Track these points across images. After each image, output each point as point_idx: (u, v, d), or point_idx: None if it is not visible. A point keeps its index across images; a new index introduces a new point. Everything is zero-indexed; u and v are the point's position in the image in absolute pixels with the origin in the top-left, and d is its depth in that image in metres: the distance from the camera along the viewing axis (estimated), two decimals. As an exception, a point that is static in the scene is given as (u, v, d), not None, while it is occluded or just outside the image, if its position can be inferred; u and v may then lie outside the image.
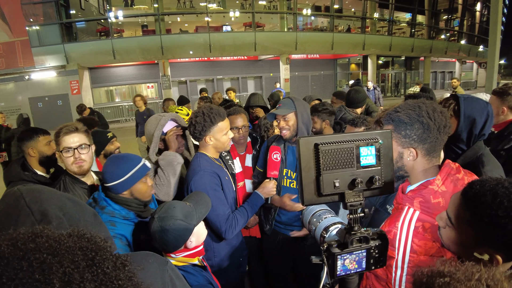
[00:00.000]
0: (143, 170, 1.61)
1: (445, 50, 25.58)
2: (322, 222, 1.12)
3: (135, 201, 1.60)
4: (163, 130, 2.18)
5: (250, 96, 4.11)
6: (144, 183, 1.62)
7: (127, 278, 0.51)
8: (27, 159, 2.27)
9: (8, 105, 15.57)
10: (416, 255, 1.15)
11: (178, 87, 19.76)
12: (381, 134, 0.92)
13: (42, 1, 15.46)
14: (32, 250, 0.46)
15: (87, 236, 0.52)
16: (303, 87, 22.62)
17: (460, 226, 0.90)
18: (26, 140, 2.24)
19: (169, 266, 1.01)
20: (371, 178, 0.88)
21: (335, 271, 0.92)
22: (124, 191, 1.57)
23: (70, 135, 1.81)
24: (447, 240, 0.97)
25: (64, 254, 0.47)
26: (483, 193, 0.84)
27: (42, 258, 0.45)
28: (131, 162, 1.59)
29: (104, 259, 0.50)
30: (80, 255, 0.48)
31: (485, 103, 1.82)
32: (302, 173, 0.88)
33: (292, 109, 2.19)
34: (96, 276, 0.47)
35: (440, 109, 1.18)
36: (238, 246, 2.12)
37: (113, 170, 1.54)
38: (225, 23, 19.84)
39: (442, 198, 1.13)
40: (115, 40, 16.05)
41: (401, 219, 1.21)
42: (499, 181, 0.86)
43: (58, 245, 0.48)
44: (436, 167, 1.20)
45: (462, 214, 0.89)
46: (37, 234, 0.49)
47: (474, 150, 1.81)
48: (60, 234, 0.51)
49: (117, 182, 1.53)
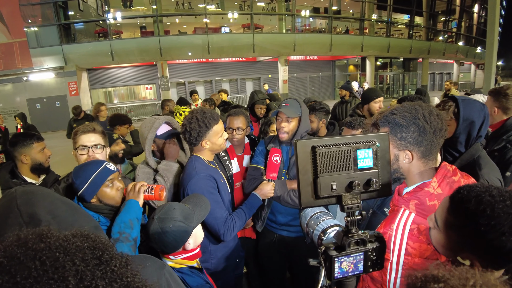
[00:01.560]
0: (105, 174, 1.52)
1: (443, 51, 25.66)
2: (320, 225, 1.12)
3: (107, 207, 1.54)
4: (156, 133, 2.15)
5: (253, 94, 4.05)
6: (110, 188, 1.54)
7: (133, 275, 0.52)
8: (17, 165, 2.19)
9: (6, 106, 15.55)
10: (411, 258, 1.15)
11: (176, 88, 19.77)
12: (378, 137, 0.92)
13: (41, 2, 15.45)
14: (43, 249, 0.47)
15: (92, 236, 0.54)
16: (302, 89, 22.65)
17: (445, 229, 0.90)
18: (19, 146, 2.16)
19: (167, 269, 1.01)
20: (368, 180, 0.88)
21: (333, 273, 0.92)
22: (91, 199, 1.50)
23: (87, 134, 1.86)
24: (434, 241, 0.98)
25: (75, 253, 0.48)
26: (468, 200, 0.84)
27: (54, 257, 0.46)
28: (91, 168, 1.51)
29: (111, 257, 0.51)
30: (89, 254, 0.49)
31: (481, 105, 1.82)
32: (300, 176, 0.88)
33: (298, 113, 2.17)
34: (105, 273, 0.48)
35: (436, 112, 1.18)
36: (234, 248, 2.12)
37: (76, 179, 1.49)
38: (224, 25, 19.86)
39: (437, 201, 1.13)
40: (114, 41, 16.03)
41: (397, 221, 1.21)
42: (488, 188, 0.85)
43: (67, 244, 0.49)
44: (432, 170, 1.20)
45: (447, 217, 0.89)
46: (44, 235, 0.50)
47: (471, 152, 1.81)
48: (66, 234, 0.52)
49: (82, 190, 1.47)
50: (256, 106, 3.94)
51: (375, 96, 3.38)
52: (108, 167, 1.55)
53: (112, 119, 4.10)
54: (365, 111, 3.47)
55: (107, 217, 1.54)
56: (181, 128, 2.04)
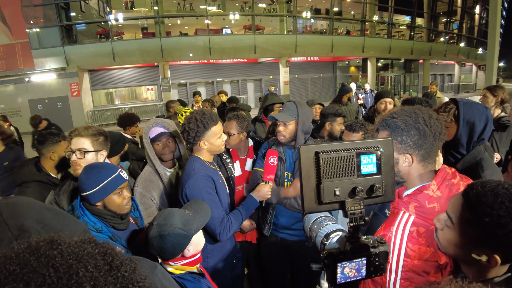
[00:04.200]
0: (117, 181, 1.52)
1: (444, 52, 25.62)
2: (323, 229, 1.12)
3: (109, 213, 1.53)
4: (149, 135, 2.18)
5: (266, 96, 4.16)
6: (118, 195, 1.54)
7: (143, 280, 0.52)
8: (42, 161, 2.27)
9: (7, 107, 15.58)
10: (410, 260, 1.16)
11: (178, 89, 19.79)
12: (382, 142, 0.92)
13: (43, 3, 15.49)
14: (56, 256, 0.47)
15: (100, 242, 0.54)
16: (303, 90, 22.65)
17: (461, 226, 0.91)
18: (49, 144, 2.26)
19: (159, 269, 1.02)
20: (372, 186, 0.87)
21: (335, 278, 0.92)
22: (97, 202, 1.50)
23: (74, 138, 1.85)
24: (444, 241, 0.98)
25: (88, 260, 0.48)
26: (484, 194, 0.86)
27: (68, 263, 0.46)
28: (104, 172, 1.51)
29: (121, 263, 0.51)
30: (101, 260, 0.49)
31: (484, 107, 1.82)
32: (303, 181, 0.87)
33: (294, 116, 2.18)
34: (116, 279, 0.48)
35: (435, 116, 1.20)
36: (231, 249, 2.14)
37: (86, 180, 1.47)
38: (225, 26, 19.87)
39: (437, 203, 1.14)
40: (115, 42, 16.05)
41: (396, 224, 1.22)
42: (499, 182, 0.87)
43: (79, 250, 0.49)
44: (432, 172, 1.21)
45: (463, 214, 0.90)
46: (55, 241, 0.50)
47: (473, 154, 1.81)
48: (76, 240, 0.52)
49: (89, 192, 1.47)
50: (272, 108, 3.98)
51: (380, 97, 3.44)
52: (121, 175, 1.55)
53: (121, 121, 4.13)
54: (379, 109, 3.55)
55: (108, 225, 1.54)
56: (181, 128, 2.06)
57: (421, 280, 1.14)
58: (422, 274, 1.14)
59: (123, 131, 4.07)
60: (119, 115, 4.26)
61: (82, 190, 1.49)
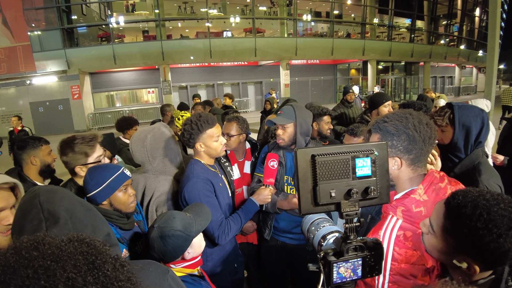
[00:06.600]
0: (122, 179, 1.56)
1: (445, 55, 25.65)
2: (320, 231, 1.14)
3: (116, 213, 1.56)
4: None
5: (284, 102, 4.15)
6: (124, 192, 1.58)
7: (126, 279, 0.53)
8: (24, 168, 2.19)
9: (9, 109, 15.66)
10: (397, 263, 1.17)
11: (178, 92, 19.84)
12: (377, 146, 0.94)
13: (44, 6, 15.57)
14: (36, 257, 0.48)
15: (87, 240, 0.55)
16: (303, 92, 22.68)
17: (441, 234, 0.93)
18: (29, 149, 2.18)
19: (170, 275, 1.03)
20: (366, 188, 0.90)
21: (331, 278, 0.94)
22: (103, 201, 1.53)
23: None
24: (429, 246, 1.00)
25: (67, 260, 0.49)
26: (464, 204, 0.87)
27: (46, 265, 0.48)
28: (108, 171, 1.55)
29: (104, 262, 0.52)
30: (81, 260, 0.50)
31: (479, 110, 1.82)
32: (300, 183, 0.90)
33: (291, 119, 2.19)
34: (97, 278, 0.49)
35: (426, 121, 1.22)
36: (232, 252, 2.12)
37: (91, 179, 1.51)
38: (226, 29, 19.92)
39: (424, 207, 1.16)
40: (116, 45, 16.12)
41: (384, 227, 1.24)
42: (481, 193, 0.88)
43: (59, 251, 0.50)
44: (421, 176, 1.23)
45: (443, 223, 0.92)
46: (39, 242, 0.51)
47: (471, 158, 1.81)
48: (61, 240, 0.53)
49: (95, 191, 1.50)
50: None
51: (384, 100, 3.36)
52: (125, 172, 1.59)
53: (119, 125, 4.12)
54: (374, 116, 3.43)
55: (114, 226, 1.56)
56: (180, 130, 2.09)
57: (408, 283, 1.15)
58: (410, 278, 1.16)
59: (122, 135, 4.06)
60: (117, 119, 4.22)
61: (87, 191, 1.52)
